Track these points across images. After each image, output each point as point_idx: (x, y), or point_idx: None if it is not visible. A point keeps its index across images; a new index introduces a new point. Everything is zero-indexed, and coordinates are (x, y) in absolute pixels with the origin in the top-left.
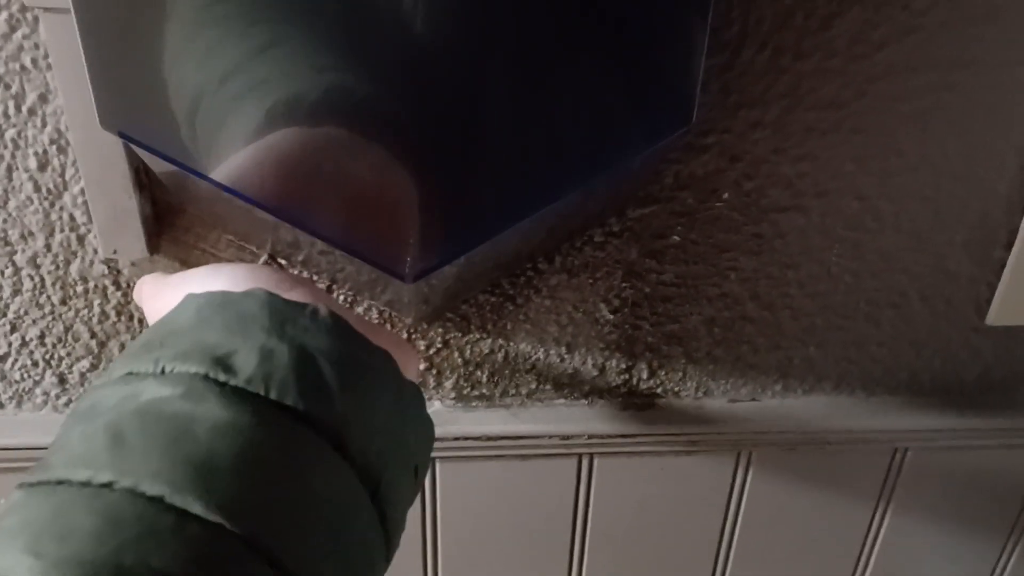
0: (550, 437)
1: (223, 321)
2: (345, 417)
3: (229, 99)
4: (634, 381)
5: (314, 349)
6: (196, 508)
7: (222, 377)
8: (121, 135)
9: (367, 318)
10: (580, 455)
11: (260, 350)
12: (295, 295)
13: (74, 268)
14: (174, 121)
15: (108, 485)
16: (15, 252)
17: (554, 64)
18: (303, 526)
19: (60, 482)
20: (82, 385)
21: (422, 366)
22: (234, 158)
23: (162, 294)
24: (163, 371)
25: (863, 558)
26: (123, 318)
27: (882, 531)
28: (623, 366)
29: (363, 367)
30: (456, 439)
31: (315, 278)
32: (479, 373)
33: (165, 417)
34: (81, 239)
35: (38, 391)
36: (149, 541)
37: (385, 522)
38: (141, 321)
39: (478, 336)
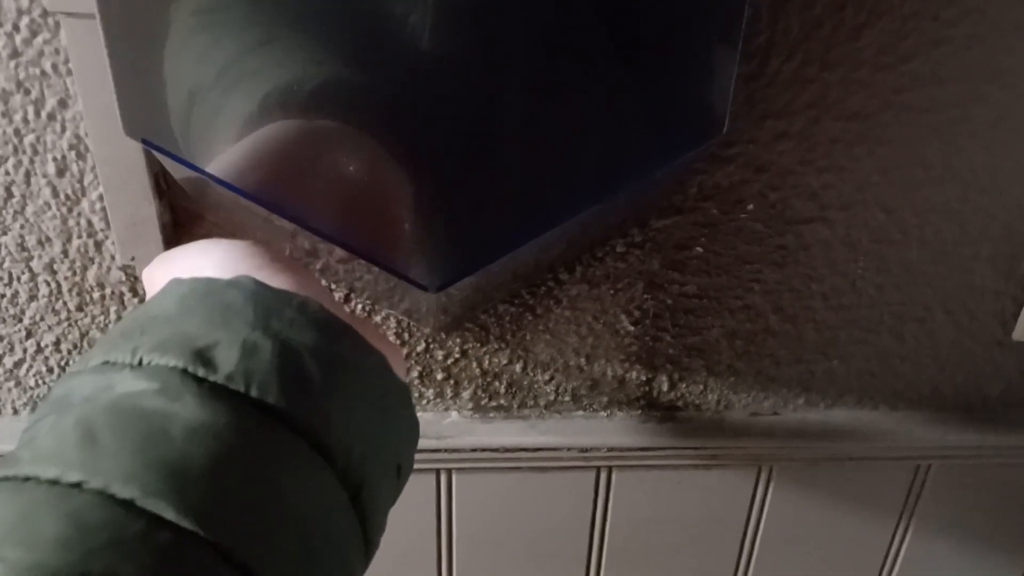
0: (568, 449)
1: (206, 311)
2: (327, 416)
3: (221, 95)
4: (654, 393)
5: (298, 344)
6: (168, 514)
7: (201, 372)
8: (145, 142)
9: (376, 323)
10: (598, 468)
11: (242, 344)
12: (284, 279)
13: (91, 274)
14: (184, 124)
15: (77, 485)
16: (32, 258)
17: (582, 74)
18: (278, 534)
19: (28, 479)
20: None
21: (439, 376)
22: (243, 158)
23: (160, 272)
24: (140, 362)
25: (885, 575)
26: None
27: (904, 547)
28: (643, 378)
29: (349, 364)
30: (473, 450)
31: (332, 287)
32: (497, 384)
33: (139, 415)
34: (99, 245)
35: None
36: (118, 549)
37: (365, 525)
38: None
39: (497, 346)
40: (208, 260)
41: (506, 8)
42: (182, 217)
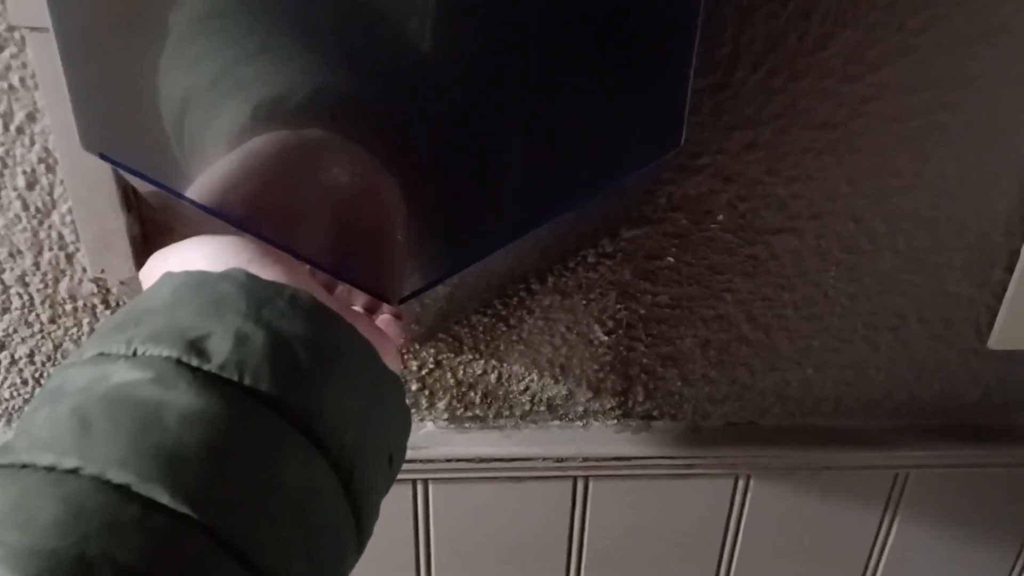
0: (544, 459)
1: (199, 303)
2: (320, 405)
3: (215, 100)
4: (629, 403)
5: (290, 334)
6: (163, 498)
7: (195, 362)
8: (102, 157)
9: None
10: (575, 478)
11: (235, 334)
12: (275, 272)
13: (63, 287)
14: (156, 140)
15: (73, 471)
16: (4, 271)
17: (543, 85)
18: (271, 518)
19: (24, 466)
20: None
21: (414, 386)
22: (212, 169)
23: (156, 267)
24: (135, 353)
25: None
26: None
27: (884, 556)
28: (618, 388)
29: (340, 353)
30: (449, 460)
31: None
32: (472, 394)
33: (134, 403)
34: (70, 258)
35: (27, 409)
36: (113, 532)
37: (358, 512)
38: None
39: (471, 357)
40: (200, 254)
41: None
42: (151, 229)
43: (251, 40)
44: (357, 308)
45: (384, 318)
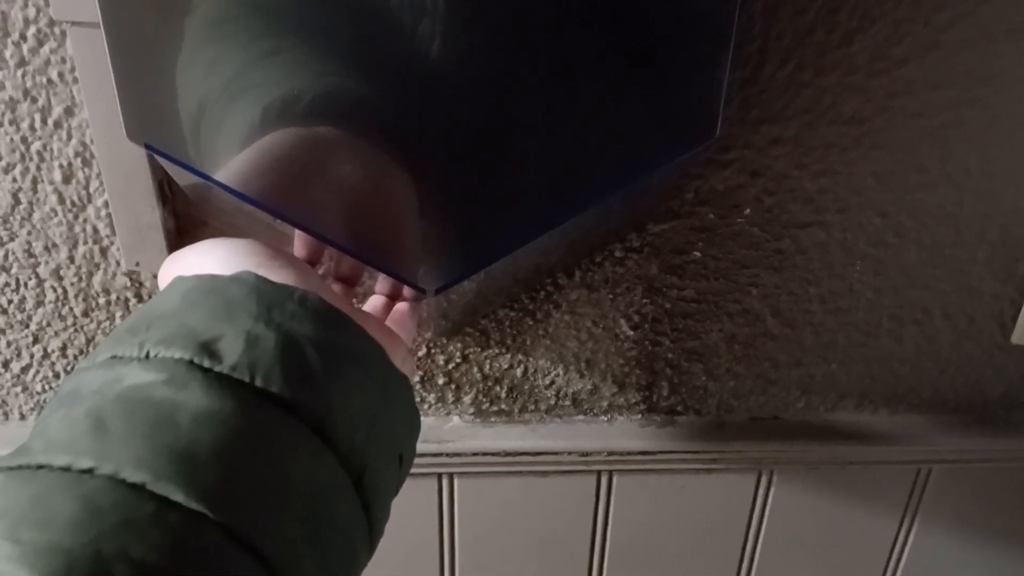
0: (569, 453)
1: (210, 306)
2: (330, 404)
3: (228, 103)
4: (654, 398)
5: (300, 335)
6: (177, 496)
7: (207, 363)
8: (147, 147)
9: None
10: (599, 472)
11: (246, 336)
12: (285, 275)
13: (96, 280)
14: (192, 131)
15: (89, 471)
16: (39, 264)
17: (578, 78)
18: (284, 515)
19: (40, 467)
20: None
21: (440, 380)
22: (245, 160)
23: (170, 269)
24: (147, 355)
25: None
26: None
27: (906, 551)
28: (643, 382)
29: (349, 354)
30: (474, 454)
31: None
32: (498, 388)
33: (148, 404)
34: (104, 251)
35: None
36: (129, 529)
37: (368, 510)
38: None
39: (497, 351)
40: (211, 258)
41: (505, 18)
42: (185, 223)
43: (264, 43)
44: (367, 309)
45: (397, 315)
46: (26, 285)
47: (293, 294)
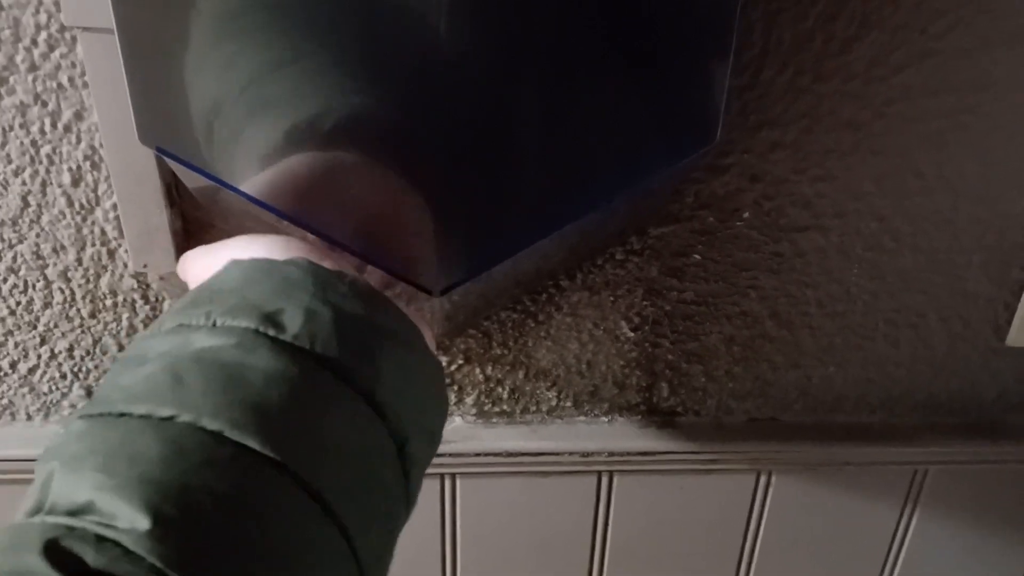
0: (570, 454)
1: (270, 284)
2: (379, 375)
3: (245, 113)
4: (654, 399)
5: (352, 313)
6: (253, 443)
7: (271, 332)
8: (159, 150)
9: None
10: (600, 472)
11: (305, 310)
12: (328, 265)
13: (104, 282)
14: (205, 135)
15: (170, 419)
16: (46, 266)
17: (580, 84)
18: (343, 468)
19: (122, 414)
20: None
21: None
22: (257, 177)
23: (203, 261)
24: (215, 324)
25: None
26: None
27: (903, 551)
28: (643, 384)
29: (394, 334)
30: (476, 455)
31: None
32: (500, 389)
33: (219, 363)
34: (112, 253)
35: (65, 403)
36: (212, 468)
37: (408, 477)
38: None
39: (499, 352)
40: (257, 247)
41: (512, 20)
42: (193, 225)
43: (280, 44)
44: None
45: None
46: (34, 287)
47: (344, 277)
